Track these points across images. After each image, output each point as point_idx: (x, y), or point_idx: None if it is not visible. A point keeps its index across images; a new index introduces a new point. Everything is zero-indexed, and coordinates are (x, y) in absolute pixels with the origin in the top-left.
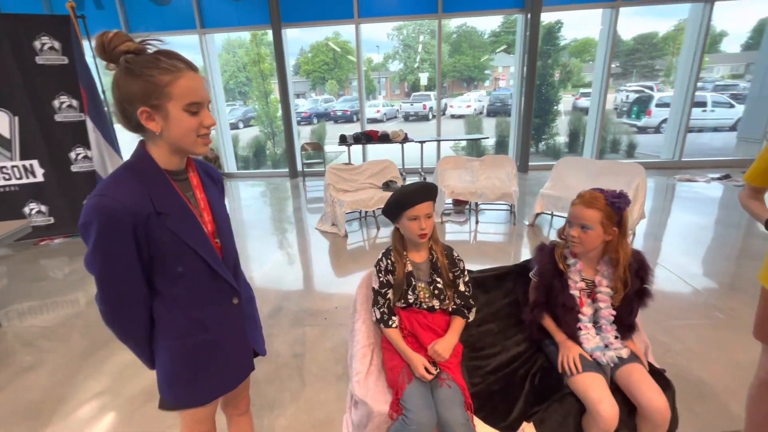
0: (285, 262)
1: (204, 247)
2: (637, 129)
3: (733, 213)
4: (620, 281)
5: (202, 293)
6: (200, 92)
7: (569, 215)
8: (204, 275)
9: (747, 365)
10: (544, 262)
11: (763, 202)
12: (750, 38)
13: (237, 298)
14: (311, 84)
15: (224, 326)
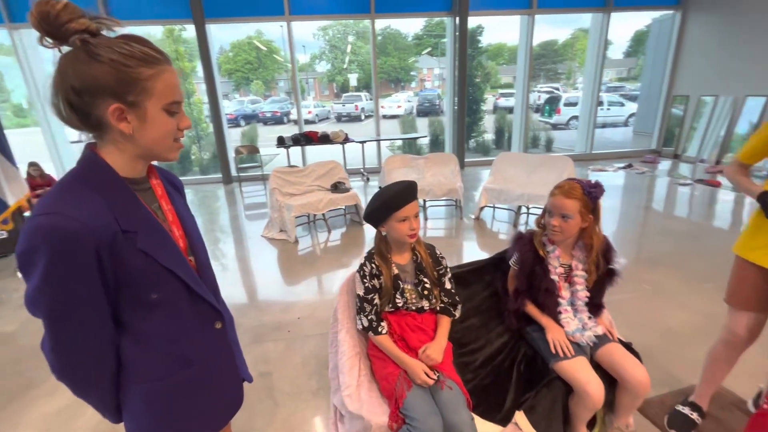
0: (232, 276)
1: (182, 266)
2: (551, 126)
3: (639, 197)
4: (594, 264)
5: (182, 322)
6: (179, 90)
7: (550, 206)
8: (183, 300)
9: (677, 328)
10: (524, 251)
11: (750, 177)
12: (629, 47)
13: (220, 321)
14: (234, 84)
15: (210, 357)
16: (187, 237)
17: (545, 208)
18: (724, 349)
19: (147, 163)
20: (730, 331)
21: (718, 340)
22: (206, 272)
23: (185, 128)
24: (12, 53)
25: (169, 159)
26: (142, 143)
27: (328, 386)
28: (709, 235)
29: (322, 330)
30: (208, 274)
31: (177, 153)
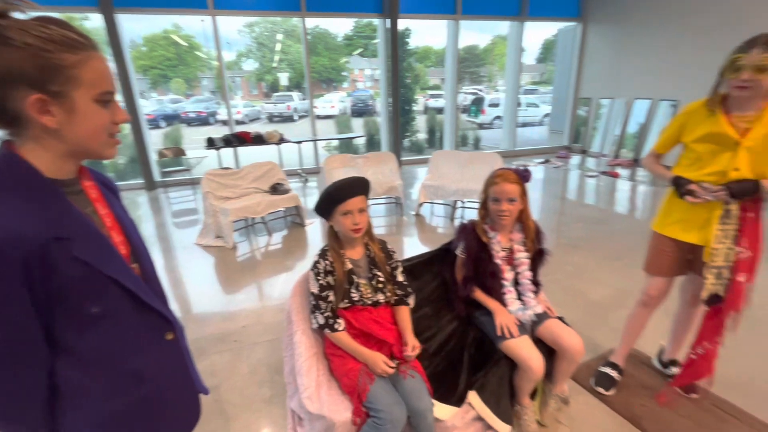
0: (166, 288)
1: (126, 274)
2: (478, 125)
3: (556, 189)
4: (531, 242)
5: (130, 335)
6: (112, 79)
7: (495, 193)
8: (129, 311)
9: (596, 302)
10: (469, 239)
11: (662, 165)
12: (540, 53)
13: (172, 332)
14: (151, 82)
15: (163, 371)
16: (129, 243)
17: (486, 198)
18: (640, 310)
19: (78, 162)
20: (647, 294)
21: (636, 303)
22: (153, 280)
23: (121, 122)
24: None
25: (105, 157)
26: (71, 139)
27: (282, 392)
28: (614, 219)
29: (270, 336)
30: (154, 282)
31: (114, 150)
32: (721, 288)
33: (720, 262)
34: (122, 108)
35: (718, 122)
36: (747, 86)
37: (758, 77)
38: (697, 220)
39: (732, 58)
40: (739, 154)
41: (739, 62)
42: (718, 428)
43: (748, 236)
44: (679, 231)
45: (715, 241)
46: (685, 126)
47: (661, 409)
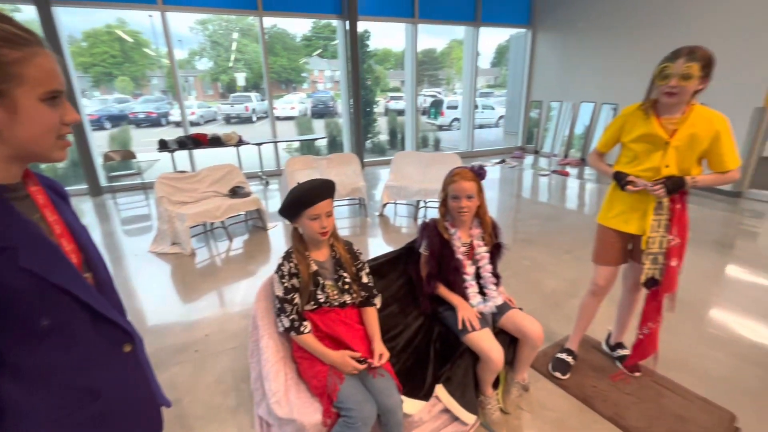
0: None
1: (79, 284)
2: (437, 127)
3: (511, 187)
4: (489, 236)
5: (84, 348)
6: (60, 77)
7: (455, 191)
8: (83, 323)
9: (550, 293)
10: (432, 236)
11: (604, 163)
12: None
13: (129, 343)
14: (93, 81)
15: (121, 385)
16: (82, 251)
17: (446, 196)
18: (590, 299)
19: (23, 166)
20: (595, 284)
21: (586, 293)
22: (108, 289)
23: (72, 122)
24: None
25: (54, 159)
26: (15, 141)
27: (249, 400)
28: (565, 215)
29: (234, 343)
30: (110, 291)
31: (63, 152)
32: (657, 272)
33: (655, 249)
34: (72, 107)
35: (651, 124)
36: (674, 92)
37: (683, 84)
38: (635, 212)
39: (661, 66)
40: (669, 153)
41: (667, 71)
42: (657, 401)
43: (677, 225)
44: (620, 223)
45: (650, 230)
46: (623, 127)
47: (609, 389)
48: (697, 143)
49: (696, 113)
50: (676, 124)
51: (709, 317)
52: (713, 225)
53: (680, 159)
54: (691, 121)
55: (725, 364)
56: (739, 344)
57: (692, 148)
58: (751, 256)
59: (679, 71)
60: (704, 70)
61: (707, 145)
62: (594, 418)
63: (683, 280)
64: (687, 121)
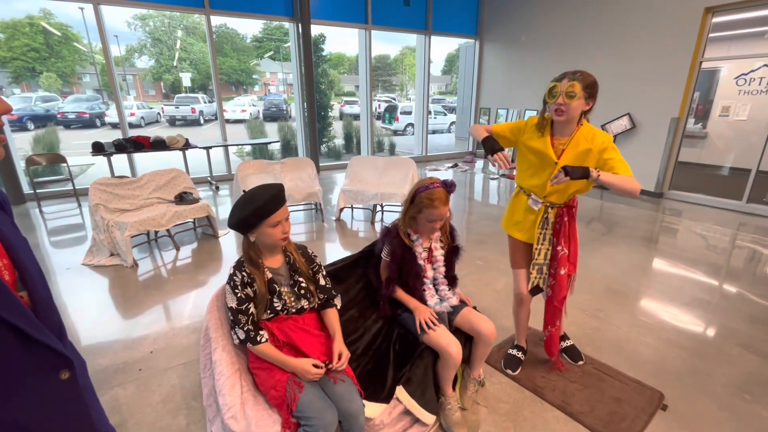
0: None
1: (7, 305)
2: (392, 132)
3: (464, 190)
4: (446, 240)
5: (12, 377)
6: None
7: (433, 215)
8: (12, 348)
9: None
10: (394, 242)
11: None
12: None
13: (68, 370)
14: (12, 76)
15: (56, 416)
16: (17, 267)
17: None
18: (517, 303)
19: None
20: (515, 291)
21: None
22: (46, 310)
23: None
24: None
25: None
26: None
27: (201, 418)
28: None
29: (183, 359)
30: (48, 312)
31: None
32: (541, 280)
33: (540, 260)
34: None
35: (545, 143)
36: (562, 109)
37: (568, 101)
38: (525, 222)
39: (550, 86)
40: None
41: (555, 90)
42: (598, 387)
43: (564, 237)
44: (516, 231)
45: (536, 242)
46: (525, 131)
47: (557, 379)
48: (584, 161)
49: (581, 133)
50: (565, 144)
51: (639, 306)
52: (641, 222)
53: None
54: (577, 141)
55: (654, 348)
56: (665, 329)
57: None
58: (672, 250)
59: (564, 90)
60: (586, 90)
61: (595, 163)
62: (544, 407)
63: (617, 273)
64: (573, 141)
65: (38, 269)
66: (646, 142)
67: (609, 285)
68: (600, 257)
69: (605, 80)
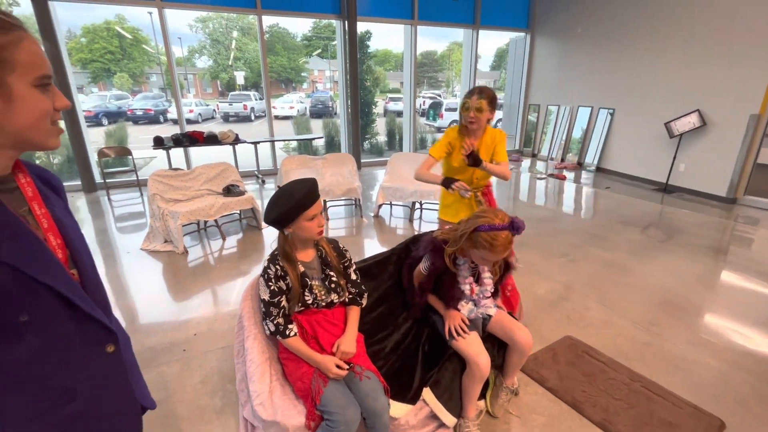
0: (109, 299)
1: (62, 280)
2: (436, 129)
3: (509, 190)
4: (498, 268)
5: (63, 347)
6: (48, 62)
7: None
8: (64, 321)
9: (542, 296)
10: (437, 263)
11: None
12: (494, 61)
13: (113, 344)
14: (91, 77)
15: (100, 386)
16: (68, 247)
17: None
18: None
19: (15, 156)
20: None
21: None
22: (94, 287)
23: (63, 108)
24: None
25: (49, 147)
26: (12, 130)
27: (235, 402)
28: (560, 218)
29: (223, 343)
30: (96, 289)
31: (57, 139)
32: None
33: None
34: (61, 93)
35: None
36: (473, 120)
37: (478, 114)
38: (461, 207)
39: (462, 102)
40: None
41: (467, 104)
42: (647, 407)
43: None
44: (451, 214)
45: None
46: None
47: (599, 393)
48: (489, 152)
49: (487, 134)
50: (478, 146)
51: (701, 322)
52: (708, 230)
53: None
54: (485, 140)
55: (716, 370)
56: (730, 351)
57: (488, 156)
58: (745, 262)
59: (474, 105)
60: (490, 105)
61: (493, 149)
62: (582, 423)
63: (676, 284)
64: (482, 141)
65: (87, 250)
66: (717, 141)
67: (666, 297)
68: (656, 266)
69: (672, 75)
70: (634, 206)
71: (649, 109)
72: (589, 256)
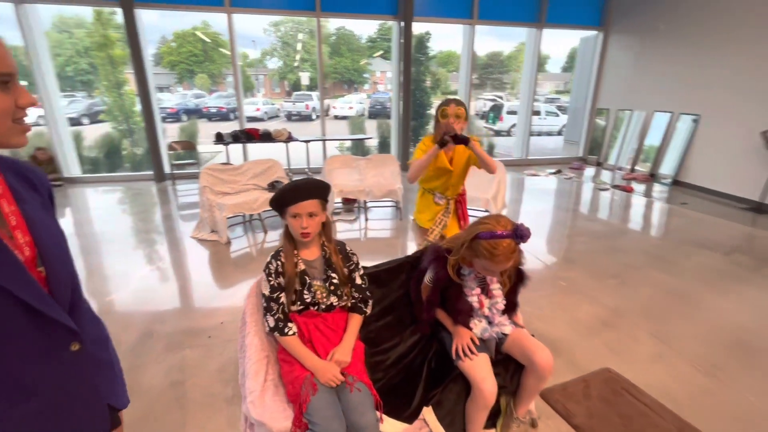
0: (155, 280)
1: (16, 280)
2: (494, 132)
3: (564, 200)
4: (507, 278)
5: (20, 345)
6: (9, 60)
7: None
8: (19, 320)
9: (583, 320)
10: (440, 275)
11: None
12: (566, 62)
13: (77, 342)
14: (177, 77)
15: (61, 383)
16: (37, 244)
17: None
18: None
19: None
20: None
21: None
22: (61, 285)
23: (27, 105)
24: None
25: (12, 145)
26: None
27: None
28: (620, 235)
29: None
30: (62, 287)
31: (22, 137)
32: None
33: (431, 238)
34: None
35: (440, 157)
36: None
37: (458, 121)
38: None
39: (440, 110)
40: (453, 175)
41: (445, 112)
42: None
43: (463, 220)
44: (426, 221)
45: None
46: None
47: None
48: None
49: None
50: (453, 151)
51: None
52: None
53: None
54: (458, 147)
55: None
56: None
57: (462, 163)
58: None
59: (454, 113)
60: (466, 112)
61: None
62: None
63: (757, 324)
64: (457, 148)
65: (60, 245)
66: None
67: (740, 338)
68: (734, 299)
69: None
70: (715, 227)
71: (743, 116)
72: (647, 280)
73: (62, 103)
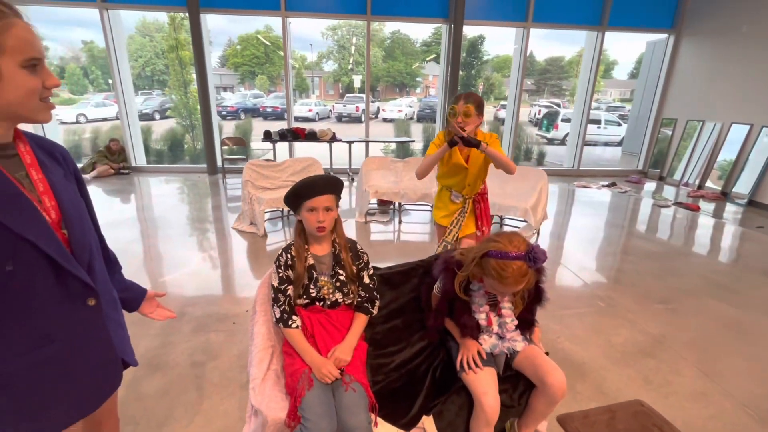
0: (197, 265)
1: (44, 237)
2: (547, 140)
3: (618, 215)
4: (520, 299)
5: (43, 296)
6: (38, 45)
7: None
8: (44, 274)
9: (619, 345)
10: (448, 288)
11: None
12: (634, 68)
13: (94, 298)
14: (240, 78)
15: (78, 333)
16: (61, 209)
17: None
18: None
19: (11, 126)
20: None
21: None
22: (81, 248)
23: (52, 86)
24: None
25: (38, 120)
26: (1, 104)
27: None
28: (675, 257)
29: None
30: (83, 249)
31: (47, 114)
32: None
33: (449, 239)
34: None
35: (456, 155)
36: (462, 126)
37: (466, 120)
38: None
39: (450, 108)
40: (469, 174)
41: (454, 110)
42: None
43: (481, 221)
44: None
45: (450, 225)
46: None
47: None
48: (479, 158)
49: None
50: (469, 150)
51: None
52: None
53: (475, 174)
54: None
55: None
56: None
57: (480, 161)
58: None
59: (462, 110)
60: (478, 109)
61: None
62: None
63: None
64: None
65: (80, 213)
66: None
67: None
68: None
69: None
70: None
71: None
72: (702, 309)
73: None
